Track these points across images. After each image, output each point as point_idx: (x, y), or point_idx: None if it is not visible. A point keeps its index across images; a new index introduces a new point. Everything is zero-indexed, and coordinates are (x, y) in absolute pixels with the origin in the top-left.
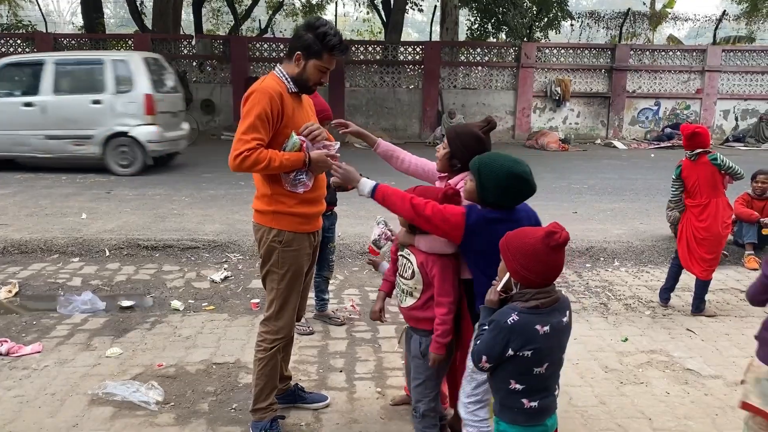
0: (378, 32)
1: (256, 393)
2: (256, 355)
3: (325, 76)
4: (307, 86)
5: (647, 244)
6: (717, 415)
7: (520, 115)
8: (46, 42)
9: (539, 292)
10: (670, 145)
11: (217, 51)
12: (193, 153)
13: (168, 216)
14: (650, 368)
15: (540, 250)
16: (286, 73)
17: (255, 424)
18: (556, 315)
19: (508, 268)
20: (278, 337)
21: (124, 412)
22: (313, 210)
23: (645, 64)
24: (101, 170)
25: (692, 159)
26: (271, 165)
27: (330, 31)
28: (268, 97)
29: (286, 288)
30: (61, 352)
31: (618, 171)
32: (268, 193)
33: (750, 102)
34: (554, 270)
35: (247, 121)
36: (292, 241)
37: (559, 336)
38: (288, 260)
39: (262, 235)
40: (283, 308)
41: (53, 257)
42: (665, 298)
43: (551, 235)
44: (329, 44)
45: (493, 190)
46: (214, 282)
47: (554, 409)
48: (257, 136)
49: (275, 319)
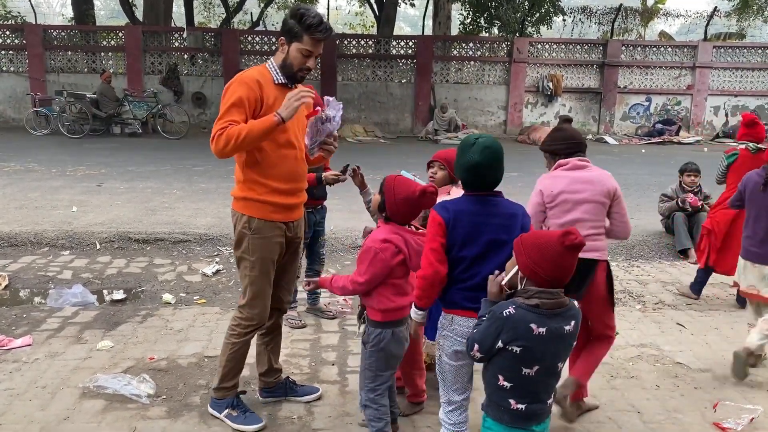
0: (370, 26)
1: (224, 373)
2: (229, 339)
3: (309, 60)
4: (293, 72)
5: (638, 239)
6: (706, 408)
7: (512, 110)
8: (36, 34)
9: (543, 291)
10: (661, 140)
11: (208, 44)
12: (184, 146)
13: (159, 209)
14: (640, 362)
15: (555, 247)
16: (275, 63)
17: (217, 402)
18: (557, 320)
19: (519, 261)
20: (252, 323)
21: (116, 405)
22: (285, 201)
23: (636, 59)
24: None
25: (753, 152)
26: (242, 134)
27: (309, 13)
28: (245, 85)
29: (258, 276)
30: (51, 345)
31: (609, 166)
32: (242, 179)
33: (740, 98)
34: (563, 271)
35: (224, 108)
36: (261, 228)
37: (555, 342)
38: (258, 247)
39: (236, 221)
40: (257, 296)
41: (43, 250)
42: (697, 290)
43: (567, 235)
44: (307, 23)
45: (460, 167)
46: (205, 275)
47: (545, 416)
48: (231, 119)
49: (249, 306)
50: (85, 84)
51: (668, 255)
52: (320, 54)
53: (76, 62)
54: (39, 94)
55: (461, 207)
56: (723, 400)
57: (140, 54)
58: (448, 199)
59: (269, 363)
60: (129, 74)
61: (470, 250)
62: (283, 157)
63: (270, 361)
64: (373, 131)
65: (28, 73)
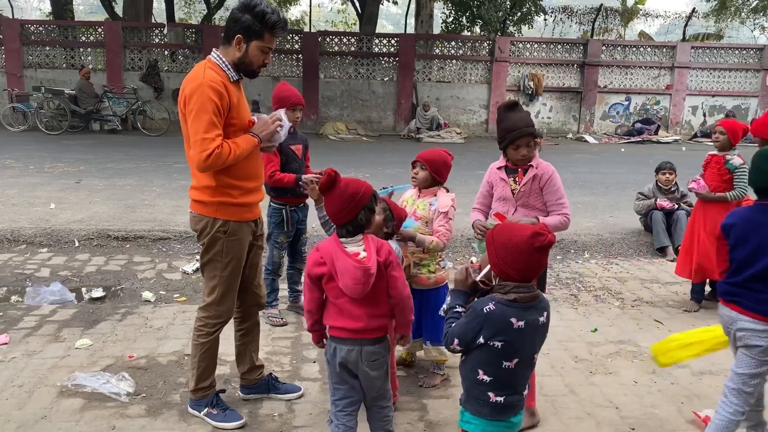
0: (353, 23)
1: (199, 374)
2: (198, 340)
3: (268, 57)
4: (252, 70)
5: (617, 236)
6: (683, 403)
7: (494, 108)
8: (13, 29)
9: (519, 286)
10: (640, 139)
11: (189, 40)
12: (164, 143)
13: (139, 206)
14: (619, 358)
15: (524, 249)
16: (226, 60)
17: (197, 402)
18: (533, 312)
19: (490, 260)
20: (220, 321)
21: (94, 404)
22: (255, 199)
23: (616, 59)
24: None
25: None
26: (234, 155)
27: (267, 9)
28: (217, 92)
29: (229, 275)
30: (29, 344)
31: (589, 165)
32: (213, 184)
33: (717, 98)
34: (534, 270)
35: (205, 119)
36: (236, 230)
37: (533, 334)
38: (232, 249)
39: (205, 226)
40: (226, 294)
41: (20, 248)
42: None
43: (537, 236)
44: (269, 22)
45: None
46: (185, 273)
47: (521, 408)
48: (219, 132)
49: (217, 305)
50: (64, 80)
51: (646, 253)
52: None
53: (55, 58)
54: (16, 90)
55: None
56: (699, 396)
57: (120, 50)
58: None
59: (251, 362)
60: (108, 70)
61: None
62: (252, 157)
63: (252, 359)
64: (355, 129)
65: (4, 69)
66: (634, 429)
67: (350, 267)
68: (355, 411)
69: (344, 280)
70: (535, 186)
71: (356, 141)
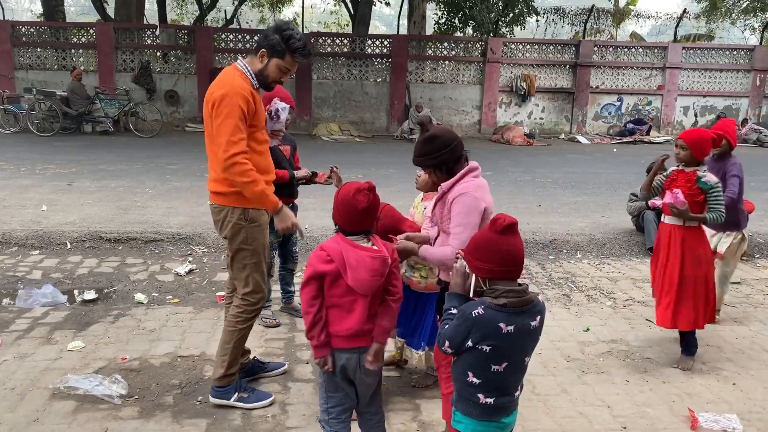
0: (345, 25)
1: (231, 359)
2: (236, 326)
3: (285, 76)
4: (267, 83)
5: (609, 236)
6: (674, 402)
7: (486, 109)
8: (4, 30)
9: (510, 290)
10: (632, 140)
11: (181, 41)
12: (156, 144)
13: (131, 208)
14: (611, 357)
15: (489, 238)
16: (250, 68)
17: (224, 390)
18: (524, 317)
19: (470, 267)
20: (257, 307)
21: (87, 406)
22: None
23: (608, 60)
24: (61, 161)
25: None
26: (255, 186)
27: (296, 35)
28: (245, 99)
29: (258, 261)
30: (20, 346)
31: (581, 165)
32: None
33: (708, 99)
34: (510, 256)
35: (233, 123)
36: (257, 217)
37: (523, 338)
38: (255, 235)
39: (225, 216)
40: (260, 279)
41: (12, 250)
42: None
43: (495, 222)
44: (292, 46)
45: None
46: (178, 275)
47: (513, 409)
48: (243, 136)
49: (254, 292)
50: (55, 81)
51: (638, 252)
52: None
53: (46, 59)
54: (7, 92)
55: None
56: (690, 395)
57: (112, 51)
58: None
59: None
60: (100, 72)
61: None
62: (263, 152)
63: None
64: (348, 130)
65: None
66: (626, 428)
67: (366, 259)
68: (348, 417)
69: (358, 273)
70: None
71: (349, 142)
